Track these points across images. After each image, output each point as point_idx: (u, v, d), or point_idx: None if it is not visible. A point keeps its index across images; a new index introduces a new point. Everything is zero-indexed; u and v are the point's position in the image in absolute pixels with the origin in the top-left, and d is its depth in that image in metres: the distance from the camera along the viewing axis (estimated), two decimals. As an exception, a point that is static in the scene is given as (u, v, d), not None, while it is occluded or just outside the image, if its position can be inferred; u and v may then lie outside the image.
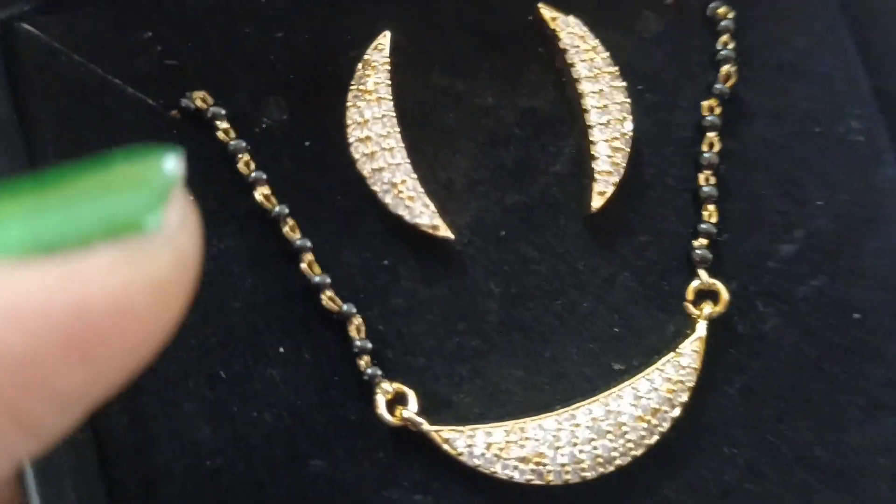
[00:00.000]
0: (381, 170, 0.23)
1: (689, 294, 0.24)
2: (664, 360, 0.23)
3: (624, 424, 0.23)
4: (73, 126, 0.23)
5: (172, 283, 0.15)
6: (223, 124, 0.23)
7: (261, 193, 0.23)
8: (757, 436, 0.24)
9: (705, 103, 0.25)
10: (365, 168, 0.23)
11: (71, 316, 0.14)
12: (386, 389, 0.22)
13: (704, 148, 0.25)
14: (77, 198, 0.15)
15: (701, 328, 0.24)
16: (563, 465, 0.22)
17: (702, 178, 0.25)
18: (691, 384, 0.23)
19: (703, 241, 0.24)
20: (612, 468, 0.23)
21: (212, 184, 0.23)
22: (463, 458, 0.22)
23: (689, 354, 0.23)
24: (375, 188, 0.23)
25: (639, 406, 0.23)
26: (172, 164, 0.15)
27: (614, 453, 0.22)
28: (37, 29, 0.23)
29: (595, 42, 0.24)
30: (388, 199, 0.23)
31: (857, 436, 0.24)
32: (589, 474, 0.23)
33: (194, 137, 0.23)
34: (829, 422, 0.24)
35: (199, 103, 0.23)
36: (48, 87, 0.23)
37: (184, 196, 0.15)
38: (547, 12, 0.25)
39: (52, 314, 0.14)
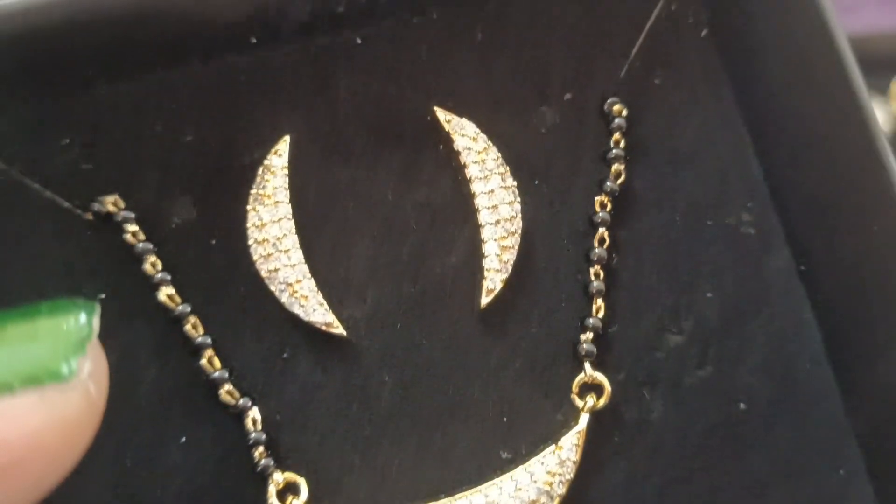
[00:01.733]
0: (277, 270, 0.25)
1: (575, 387, 0.25)
2: (545, 452, 0.24)
3: (504, 514, 0.24)
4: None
5: (82, 423, 0.17)
6: (132, 227, 0.25)
7: (164, 293, 0.24)
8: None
9: (597, 199, 0.26)
10: (263, 269, 0.25)
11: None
12: (277, 480, 0.24)
13: (595, 243, 0.26)
14: (5, 347, 0.17)
15: (583, 421, 0.25)
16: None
17: (592, 273, 0.26)
18: (570, 477, 0.24)
19: (589, 336, 0.25)
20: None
21: (122, 280, 0.25)
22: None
23: (569, 448, 0.24)
24: (272, 287, 0.25)
25: (517, 498, 0.24)
26: (89, 318, 0.18)
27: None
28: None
29: (487, 143, 0.26)
30: (283, 299, 0.25)
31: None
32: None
33: (105, 238, 0.25)
34: (712, 493, 0.25)
35: (110, 207, 0.25)
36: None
37: (97, 347, 0.18)
38: (442, 115, 0.26)
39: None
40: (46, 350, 0.17)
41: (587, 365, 0.25)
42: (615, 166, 0.26)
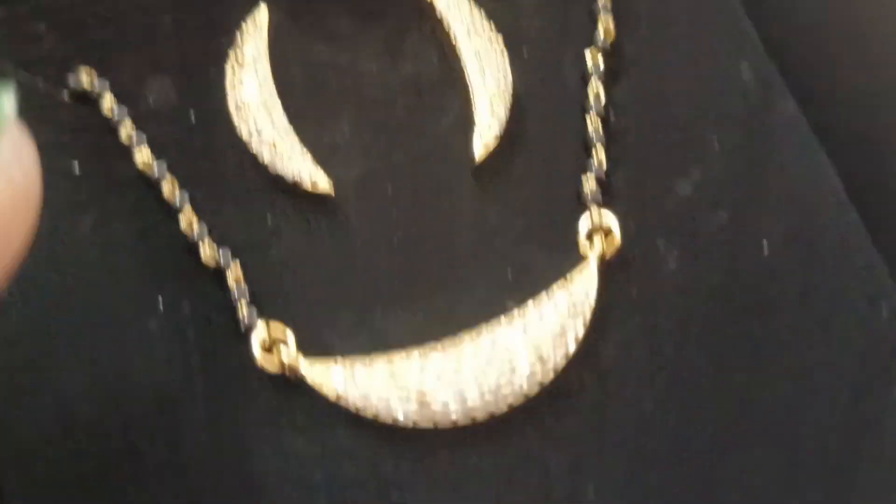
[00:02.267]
0: (260, 131, 0.24)
1: (581, 231, 0.23)
2: (555, 291, 0.22)
3: (514, 360, 0.22)
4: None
5: (8, 209, 0.16)
6: (107, 98, 0.24)
7: (141, 157, 0.23)
8: (665, 373, 0.22)
9: (588, 56, 0.25)
10: (244, 130, 0.24)
11: None
12: (262, 331, 0.22)
13: (590, 96, 0.25)
14: None
15: (593, 261, 0.23)
16: (448, 404, 0.21)
17: (589, 123, 0.25)
18: (585, 314, 0.22)
19: (592, 181, 0.24)
20: (503, 409, 0.21)
21: (99, 155, 0.24)
22: (342, 403, 0.21)
23: (580, 284, 0.22)
24: (255, 149, 0.23)
25: (528, 338, 0.22)
26: (4, 100, 0.16)
27: (504, 392, 0.21)
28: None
29: (469, 2, 0.25)
30: (266, 159, 0.23)
31: (777, 372, 0.23)
32: (478, 416, 0.21)
33: (83, 116, 0.24)
34: (736, 349, 0.23)
35: (84, 79, 0.24)
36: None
37: (18, 131, 0.16)
38: (422, -21, 0.25)
39: None
40: None
41: (593, 208, 0.23)
42: (604, 21, 0.25)
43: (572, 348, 0.22)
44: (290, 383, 0.22)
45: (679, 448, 0.22)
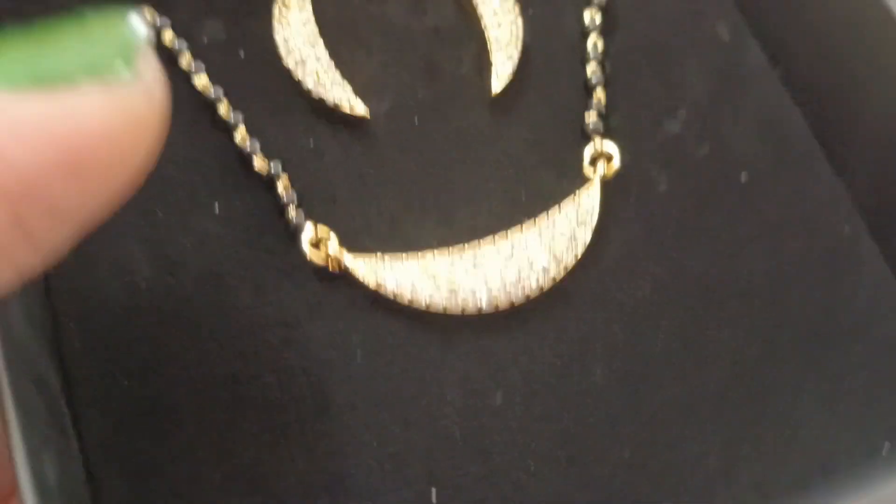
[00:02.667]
0: (303, 62, 0.27)
1: (586, 157, 0.27)
2: (565, 203, 0.26)
3: (531, 256, 0.25)
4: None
5: (146, 120, 0.18)
6: (168, 31, 0.27)
7: (199, 81, 0.26)
8: (662, 259, 0.26)
9: (586, 12, 0.29)
10: (290, 61, 0.27)
11: (65, 138, 0.17)
12: (310, 231, 0.25)
13: (589, 46, 0.28)
14: (64, 45, 0.18)
15: (596, 181, 0.26)
16: (474, 293, 0.24)
17: (589, 69, 0.28)
18: (592, 222, 0.25)
19: (594, 115, 0.27)
20: (522, 299, 0.25)
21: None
22: (381, 290, 0.24)
23: (586, 198, 0.26)
24: (299, 76, 0.26)
25: (542, 240, 0.25)
26: (137, 24, 0.19)
27: (523, 284, 0.24)
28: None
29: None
30: (310, 85, 0.26)
31: (757, 258, 0.26)
32: (501, 304, 0.24)
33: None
34: (726, 249, 0.26)
35: (147, 16, 0.27)
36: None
37: (151, 53, 0.19)
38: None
39: (51, 134, 0.17)
40: (104, 49, 0.18)
41: (596, 138, 0.27)
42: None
43: (580, 251, 0.25)
44: (334, 275, 0.25)
45: (677, 325, 0.25)
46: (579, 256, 0.25)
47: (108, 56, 0.18)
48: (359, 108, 0.26)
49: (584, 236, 0.25)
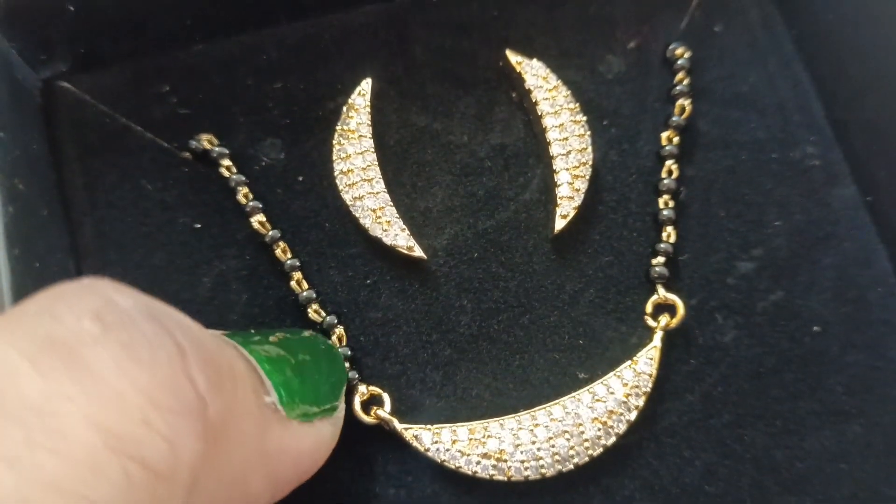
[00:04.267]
0: (361, 198, 0.26)
1: (648, 308, 0.26)
2: (622, 367, 0.25)
3: (581, 425, 0.24)
4: (97, 163, 0.26)
5: (335, 440, 0.22)
6: (226, 161, 0.26)
7: (257, 220, 0.26)
8: (716, 440, 0.25)
9: (664, 134, 0.27)
10: (347, 197, 0.26)
11: (310, 457, 0.21)
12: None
13: (664, 175, 0.27)
14: (323, 383, 0.22)
15: (657, 338, 0.25)
16: (523, 461, 0.24)
17: (661, 202, 0.27)
18: (647, 390, 0.25)
19: (661, 259, 0.26)
20: (570, 466, 0.24)
21: (216, 213, 0.26)
22: (430, 454, 0.24)
23: (645, 362, 0.25)
24: (357, 214, 0.26)
25: (595, 409, 0.24)
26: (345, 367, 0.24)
27: (571, 452, 0.24)
28: (71, 85, 0.27)
29: (557, 82, 0.27)
30: (367, 224, 0.26)
31: (814, 441, 0.25)
32: (548, 472, 0.24)
33: (202, 175, 0.27)
34: (787, 428, 0.25)
35: (205, 144, 0.27)
36: (78, 133, 0.27)
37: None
38: (513, 57, 0.27)
39: (307, 456, 0.21)
40: (334, 392, 0.22)
41: (659, 287, 0.26)
42: (680, 101, 0.27)
43: (632, 418, 0.25)
44: (384, 436, 0.25)
45: (735, 499, 0.25)
46: (631, 423, 0.25)
47: (338, 389, 0.23)
48: (416, 250, 0.26)
49: (638, 403, 0.25)
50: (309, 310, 0.25)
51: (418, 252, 0.26)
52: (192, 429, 0.16)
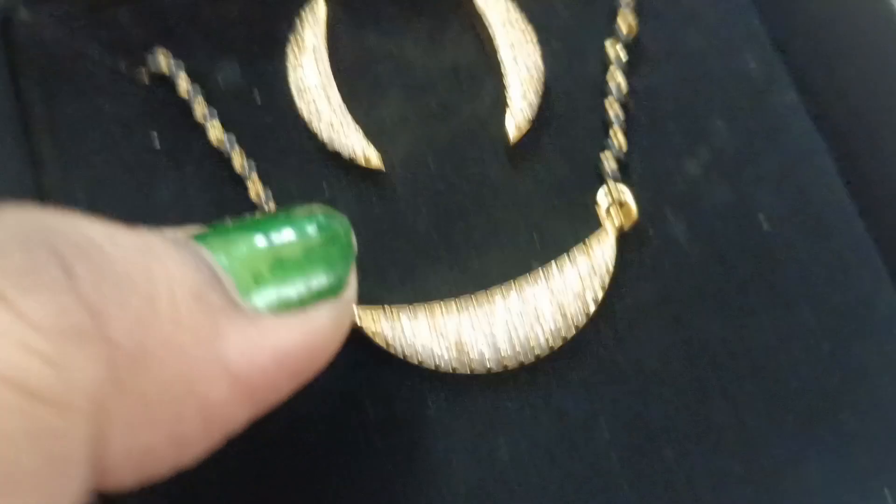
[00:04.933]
0: (318, 111, 0.27)
1: (601, 205, 0.26)
2: (579, 260, 0.25)
3: (541, 316, 0.25)
4: (55, 85, 0.27)
5: (336, 339, 0.20)
6: (182, 79, 0.27)
7: (214, 135, 0.26)
8: (671, 328, 0.25)
9: (610, 48, 0.28)
10: (304, 111, 0.27)
11: (300, 354, 0.19)
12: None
13: (611, 84, 0.28)
14: (309, 271, 0.19)
15: (611, 233, 0.26)
16: (483, 354, 0.24)
17: (610, 111, 0.27)
18: (604, 282, 0.25)
19: (611, 161, 0.27)
20: (531, 359, 0.25)
21: (174, 129, 0.27)
22: (391, 350, 0.24)
23: (600, 254, 0.25)
24: (314, 128, 0.26)
25: (554, 299, 0.25)
26: (351, 233, 0.21)
27: (532, 344, 0.24)
28: (28, 10, 0.27)
29: (507, 1, 0.28)
30: (324, 136, 0.26)
31: (767, 327, 0.26)
32: (509, 364, 0.24)
33: (159, 93, 0.27)
34: (740, 316, 0.26)
35: (161, 61, 0.27)
36: (36, 56, 0.27)
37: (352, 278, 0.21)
38: (460, -24, 0.28)
39: (294, 354, 0.18)
40: (334, 271, 0.20)
41: (611, 186, 0.26)
42: (625, 15, 0.28)
43: (592, 308, 0.25)
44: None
45: (684, 397, 0.25)
46: (591, 314, 0.25)
47: (336, 278, 0.20)
48: (374, 160, 0.26)
49: (596, 291, 0.25)
50: (267, 210, 0.26)
51: (375, 162, 0.26)
52: (86, 352, 0.15)
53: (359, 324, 0.25)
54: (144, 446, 0.16)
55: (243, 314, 0.18)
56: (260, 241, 0.19)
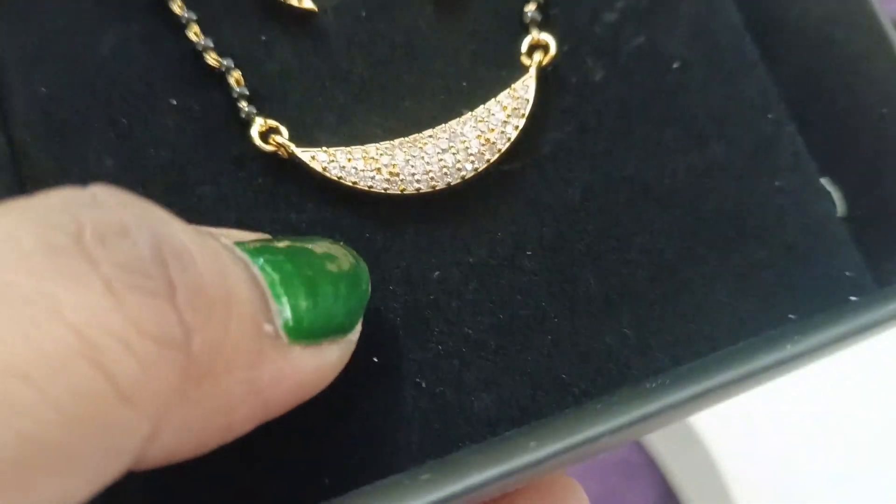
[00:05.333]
0: (253, -43, 0.28)
1: (524, 48, 0.28)
2: (501, 94, 0.27)
3: (466, 142, 0.26)
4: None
5: (336, 371, 0.21)
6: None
7: (154, -19, 0.28)
8: (592, 164, 0.27)
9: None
10: (240, -43, 0.28)
11: (313, 384, 0.20)
12: (260, 123, 0.26)
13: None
14: (336, 310, 0.20)
15: (532, 71, 0.28)
16: (413, 174, 0.26)
17: (534, -40, 0.29)
18: (525, 112, 0.27)
19: (533, 7, 0.28)
20: (458, 178, 0.26)
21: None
22: (326, 173, 0.26)
23: (522, 87, 0.27)
24: (249, -27, 0.28)
25: (478, 128, 0.27)
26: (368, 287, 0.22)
27: (458, 165, 0.26)
28: None
29: None
30: (260, -18, 0.28)
31: (681, 162, 0.28)
32: (437, 184, 0.26)
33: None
34: (657, 152, 0.28)
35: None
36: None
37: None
38: None
39: (307, 384, 0.20)
40: (350, 313, 0.21)
41: (533, 30, 0.28)
42: None
43: (513, 136, 0.27)
44: (282, 166, 0.26)
45: (603, 227, 0.27)
46: (512, 140, 0.27)
47: (350, 319, 0.21)
48: (306, 2, 0.28)
49: (518, 123, 0.27)
50: (207, 57, 0.27)
51: (309, 4, 0.28)
52: (171, 359, 0.16)
53: (295, 154, 0.26)
54: (178, 447, 0.18)
55: (282, 345, 0.19)
56: (304, 270, 0.20)
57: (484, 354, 0.26)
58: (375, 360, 0.25)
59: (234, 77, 0.27)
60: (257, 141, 0.26)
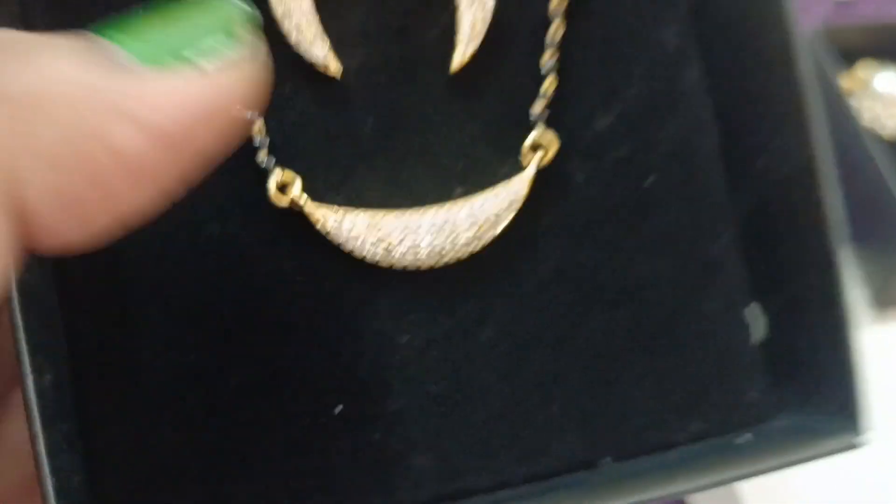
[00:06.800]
0: (290, 14, 0.29)
1: (526, 145, 0.31)
2: (498, 185, 0.30)
3: (455, 232, 0.29)
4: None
5: (244, 96, 0.21)
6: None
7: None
8: (556, 258, 0.31)
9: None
10: (278, 9, 0.29)
11: (182, 111, 0.19)
12: (278, 174, 0.29)
13: (550, 31, 0.31)
14: (182, 26, 0.20)
15: (530, 169, 0.30)
16: (404, 254, 0.29)
17: (545, 55, 0.31)
18: (516, 208, 0.30)
19: (541, 104, 0.31)
20: (443, 262, 0.29)
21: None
22: (331, 236, 0.29)
23: (518, 183, 0.30)
24: (284, 27, 0.29)
25: (470, 219, 0.29)
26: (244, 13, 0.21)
27: (444, 251, 0.29)
28: None
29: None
30: (292, 39, 0.29)
31: (633, 270, 0.31)
32: (422, 266, 0.29)
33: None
34: (616, 254, 0.31)
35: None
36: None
37: (253, 39, 0.21)
38: None
39: (176, 107, 0.19)
40: (213, 28, 0.21)
41: (538, 128, 0.31)
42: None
43: (499, 231, 0.30)
44: (292, 219, 0.29)
45: (555, 319, 0.31)
46: (498, 235, 0.30)
47: (217, 35, 0.21)
48: (332, 68, 0.29)
49: (508, 218, 0.30)
50: (233, 104, 0.29)
51: (334, 70, 0.29)
52: None
53: (306, 211, 0.28)
54: (62, 188, 0.18)
55: (127, 69, 0.19)
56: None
57: (436, 416, 0.30)
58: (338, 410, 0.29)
59: (257, 126, 0.29)
60: (273, 192, 0.28)
